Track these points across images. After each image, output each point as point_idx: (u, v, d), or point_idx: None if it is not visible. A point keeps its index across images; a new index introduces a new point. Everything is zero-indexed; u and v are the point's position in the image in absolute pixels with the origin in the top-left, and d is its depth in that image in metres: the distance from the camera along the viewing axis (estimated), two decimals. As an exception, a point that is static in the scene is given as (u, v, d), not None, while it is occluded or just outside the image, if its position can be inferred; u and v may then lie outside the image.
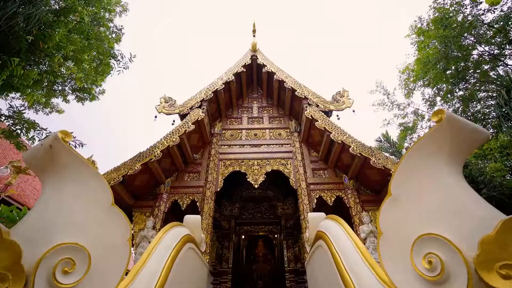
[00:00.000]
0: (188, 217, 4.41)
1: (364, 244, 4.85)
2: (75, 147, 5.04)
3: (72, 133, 5.46)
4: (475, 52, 8.28)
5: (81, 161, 2.13)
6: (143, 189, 6.12)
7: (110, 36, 7.77)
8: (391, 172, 5.15)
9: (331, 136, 5.87)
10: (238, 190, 9.32)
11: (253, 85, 9.02)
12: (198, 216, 4.47)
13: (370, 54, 75.64)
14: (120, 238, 2.17)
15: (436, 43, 7.41)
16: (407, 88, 10.25)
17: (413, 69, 9.96)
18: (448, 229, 1.65)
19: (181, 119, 6.68)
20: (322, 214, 4.10)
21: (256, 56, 8.24)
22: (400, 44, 19.22)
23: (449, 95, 8.01)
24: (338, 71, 73.95)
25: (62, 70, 6.90)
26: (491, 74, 8.36)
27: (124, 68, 6.83)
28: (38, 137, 5.27)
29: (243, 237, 9.96)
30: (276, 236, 9.87)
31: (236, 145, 7.32)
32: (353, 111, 6.53)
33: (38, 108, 8.05)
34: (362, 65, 75.15)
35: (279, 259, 9.37)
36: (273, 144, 7.26)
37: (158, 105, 6.83)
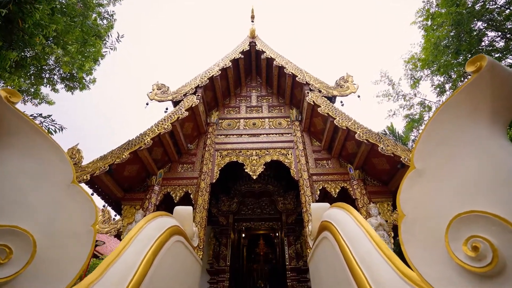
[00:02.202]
0: (178, 208, 4.04)
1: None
2: (54, 132, 4.65)
3: (51, 115, 4.94)
4: (485, 38, 7.82)
5: (33, 127, 1.72)
6: (133, 181, 5.74)
7: (101, 23, 7.38)
8: (400, 159, 4.73)
9: (335, 122, 5.45)
10: (236, 185, 8.93)
11: (252, 74, 8.61)
12: (190, 207, 4.10)
13: (373, 46, 75.05)
14: (81, 223, 1.77)
15: (446, 25, 6.94)
16: (413, 78, 9.80)
17: (419, 58, 9.48)
18: (497, 205, 1.23)
19: (175, 107, 6.28)
20: (326, 204, 3.73)
21: (255, 43, 7.83)
22: (403, 36, 18.78)
23: (460, 83, 7.55)
24: (340, 63, 72.85)
25: (51, 57, 6.53)
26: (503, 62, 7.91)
27: (111, 49, 6.43)
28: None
29: (243, 235, 9.57)
30: (277, 233, 9.46)
31: (233, 134, 6.91)
32: (358, 96, 6.10)
33: (26, 98, 7.68)
34: (365, 58, 74.43)
35: (280, 257, 8.97)
36: (272, 134, 6.85)
37: (150, 92, 6.42)
